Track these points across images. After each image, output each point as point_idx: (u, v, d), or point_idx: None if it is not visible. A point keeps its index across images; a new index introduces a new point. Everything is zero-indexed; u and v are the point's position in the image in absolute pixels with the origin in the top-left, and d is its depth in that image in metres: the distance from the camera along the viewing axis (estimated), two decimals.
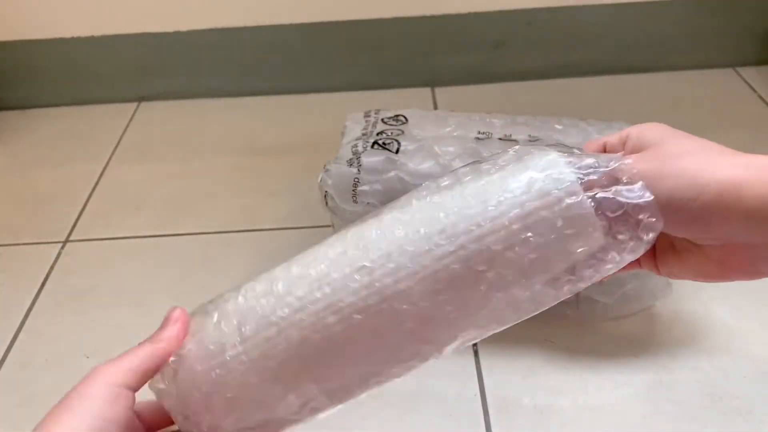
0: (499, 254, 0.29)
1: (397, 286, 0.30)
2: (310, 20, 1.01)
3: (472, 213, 0.30)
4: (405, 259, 0.30)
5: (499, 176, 0.31)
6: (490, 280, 0.30)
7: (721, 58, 1.06)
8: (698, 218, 0.29)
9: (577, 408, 0.58)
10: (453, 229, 0.30)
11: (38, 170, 0.96)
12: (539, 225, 0.29)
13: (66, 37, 1.02)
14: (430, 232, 0.30)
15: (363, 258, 0.30)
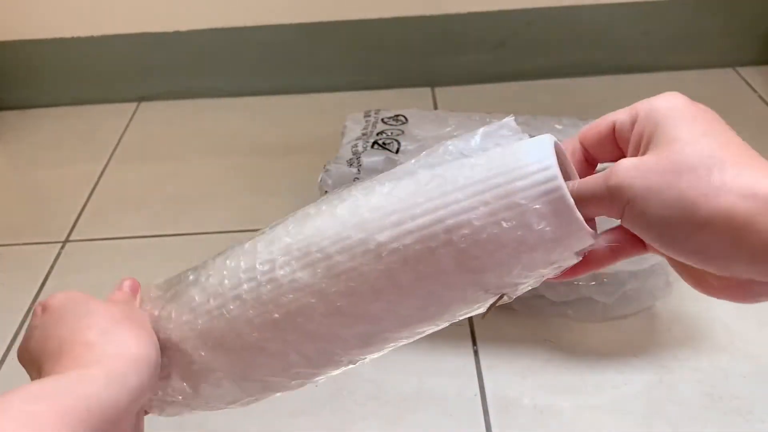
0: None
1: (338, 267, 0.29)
2: (310, 20, 1.01)
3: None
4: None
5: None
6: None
7: (722, 58, 1.06)
8: (695, 252, 0.26)
9: (577, 408, 0.58)
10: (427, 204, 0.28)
11: (38, 170, 0.96)
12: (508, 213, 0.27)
13: (66, 37, 1.02)
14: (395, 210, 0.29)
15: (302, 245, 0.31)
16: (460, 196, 0.28)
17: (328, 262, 0.29)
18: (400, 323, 0.32)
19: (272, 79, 1.07)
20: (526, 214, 0.27)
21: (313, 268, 0.30)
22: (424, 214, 0.28)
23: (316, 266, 0.30)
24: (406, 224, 0.28)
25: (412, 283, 0.29)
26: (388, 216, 0.29)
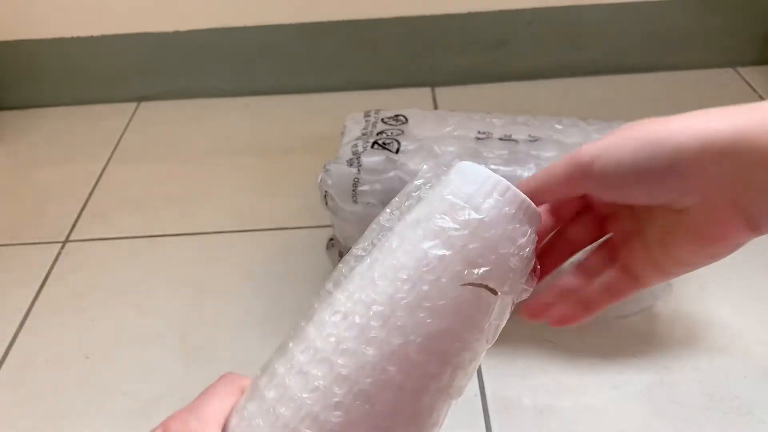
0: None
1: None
2: (310, 20, 1.01)
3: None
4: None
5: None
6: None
7: (721, 58, 1.06)
8: (672, 188, 0.26)
9: (577, 408, 0.58)
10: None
11: (38, 170, 0.96)
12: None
13: (66, 37, 1.02)
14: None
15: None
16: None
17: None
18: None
19: (272, 79, 1.07)
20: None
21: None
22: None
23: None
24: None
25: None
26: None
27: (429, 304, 0.28)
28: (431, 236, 0.29)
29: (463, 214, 0.29)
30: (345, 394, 0.28)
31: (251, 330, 0.67)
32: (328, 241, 0.71)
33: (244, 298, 0.71)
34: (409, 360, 0.28)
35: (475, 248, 0.29)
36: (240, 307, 0.70)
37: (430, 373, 0.29)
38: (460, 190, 0.30)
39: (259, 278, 0.73)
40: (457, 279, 0.29)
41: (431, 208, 0.30)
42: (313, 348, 0.30)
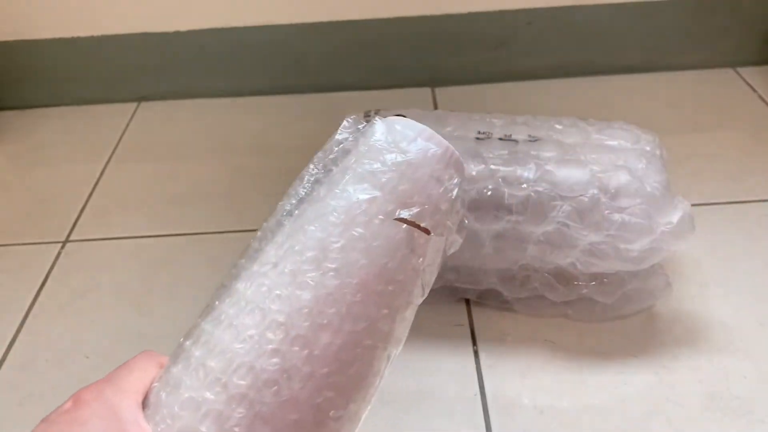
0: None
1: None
2: (310, 20, 1.01)
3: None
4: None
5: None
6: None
7: (721, 57, 1.06)
8: None
9: (577, 408, 0.58)
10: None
11: (38, 170, 0.96)
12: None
13: (66, 37, 1.02)
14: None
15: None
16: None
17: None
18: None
19: (272, 78, 1.07)
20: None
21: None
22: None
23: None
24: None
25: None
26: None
27: (362, 245, 0.28)
28: (360, 180, 0.29)
29: (390, 157, 0.30)
30: (281, 340, 0.27)
31: None
32: None
33: None
34: (346, 302, 0.28)
35: (405, 189, 0.29)
36: None
37: (367, 315, 0.28)
38: (385, 138, 0.31)
39: None
40: (389, 219, 0.29)
41: (358, 155, 0.31)
42: (243, 300, 0.29)
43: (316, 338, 0.27)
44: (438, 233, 0.30)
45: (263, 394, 0.27)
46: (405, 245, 0.29)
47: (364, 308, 0.28)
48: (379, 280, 0.29)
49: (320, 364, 0.27)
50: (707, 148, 0.87)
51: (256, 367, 0.27)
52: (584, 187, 0.58)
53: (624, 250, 0.57)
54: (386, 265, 0.29)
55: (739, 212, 0.77)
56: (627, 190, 0.57)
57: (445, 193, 0.30)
